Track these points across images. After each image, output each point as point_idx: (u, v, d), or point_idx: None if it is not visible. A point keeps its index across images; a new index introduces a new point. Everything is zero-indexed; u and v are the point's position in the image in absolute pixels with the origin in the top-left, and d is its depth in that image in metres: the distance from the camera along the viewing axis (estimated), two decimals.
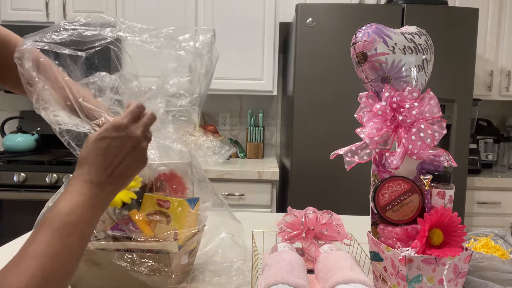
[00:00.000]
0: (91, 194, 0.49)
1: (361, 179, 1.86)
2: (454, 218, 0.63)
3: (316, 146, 1.95)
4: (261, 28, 2.31)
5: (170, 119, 0.74)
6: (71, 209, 0.47)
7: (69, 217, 0.47)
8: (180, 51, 0.72)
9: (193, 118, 0.78)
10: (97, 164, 0.50)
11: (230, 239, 0.81)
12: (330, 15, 1.91)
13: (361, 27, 0.72)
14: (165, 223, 0.72)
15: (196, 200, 0.77)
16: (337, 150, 0.74)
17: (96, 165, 0.50)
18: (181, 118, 0.76)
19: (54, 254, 0.44)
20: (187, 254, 0.74)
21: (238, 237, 0.81)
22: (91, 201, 0.49)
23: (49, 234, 0.45)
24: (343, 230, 0.84)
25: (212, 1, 2.29)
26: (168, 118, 0.74)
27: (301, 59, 1.93)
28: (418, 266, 0.61)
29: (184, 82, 0.73)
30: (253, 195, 2.12)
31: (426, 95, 0.69)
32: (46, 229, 0.45)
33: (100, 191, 0.50)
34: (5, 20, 2.31)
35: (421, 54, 0.71)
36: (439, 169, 0.69)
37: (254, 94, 2.47)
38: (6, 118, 2.52)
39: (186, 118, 0.77)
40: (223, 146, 0.88)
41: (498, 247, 0.75)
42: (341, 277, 0.63)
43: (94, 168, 0.50)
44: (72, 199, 0.48)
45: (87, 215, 0.49)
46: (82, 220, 0.48)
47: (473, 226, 2.18)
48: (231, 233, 0.81)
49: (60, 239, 0.45)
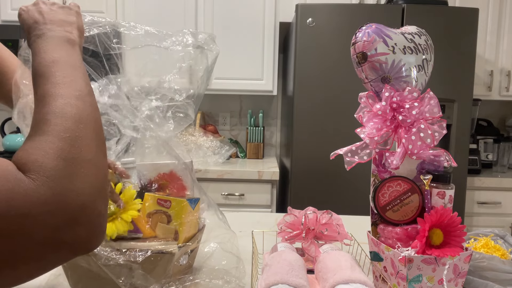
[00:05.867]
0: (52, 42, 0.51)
1: (361, 179, 1.86)
2: (454, 218, 0.63)
3: (316, 146, 1.95)
4: (261, 28, 2.31)
5: (169, 115, 0.74)
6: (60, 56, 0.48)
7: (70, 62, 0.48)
8: (178, 46, 0.72)
9: (190, 114, 0.77)
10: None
11: (222, 247, 0.80)
12: (330, 15, 1.91)
13: (361, 27, 0.72)
14: (165, 222, 0.72)
15: (197, 200, 0.77)
16: (337, 150, 0.74)
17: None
18: (179, 114, 0.76)
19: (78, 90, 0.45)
20: (187, 254, 0.74)
21: (230, 245, 0.80)
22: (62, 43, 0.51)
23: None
24: (343, 230, 0.84)
25: (212, 1, 2.29)
26: (167, 115, 0.74)
27: (301, 59, 1.93)
28: (418, 266, 0.61)
29: (182, 77, 0.74)
30: (253, 195, 2.12)
31: (426, 95, 0.69)
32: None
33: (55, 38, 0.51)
34: (5, 20, 2.31)
35: (421, 54, 0.71)
36: (439, 169, 0.69)
37: (254, 94, 2.47)
38: (6, 118, 2.52)
39: (183, 114, 0.76)
40: (223, 146, 0.88)
41: (498, 247, 0.75)
42: (341, 277, 0.63)
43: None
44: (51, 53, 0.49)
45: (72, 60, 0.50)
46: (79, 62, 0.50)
47: (473, 226, 2.18)
48: (223, 241, 0.80)
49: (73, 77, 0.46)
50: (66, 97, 0.43)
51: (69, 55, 0.49)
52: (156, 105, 0.73)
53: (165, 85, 0.73)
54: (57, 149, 0.38)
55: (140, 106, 0.72)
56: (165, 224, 0.72)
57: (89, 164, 0.40)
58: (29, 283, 0.75)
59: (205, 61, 0.77)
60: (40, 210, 0.34)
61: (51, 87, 0.44)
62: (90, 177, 0.39)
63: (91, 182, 0.39)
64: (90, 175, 0.39)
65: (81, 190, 0.38)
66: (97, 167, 0.41)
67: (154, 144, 0.75)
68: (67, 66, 0.47)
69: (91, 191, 0.39)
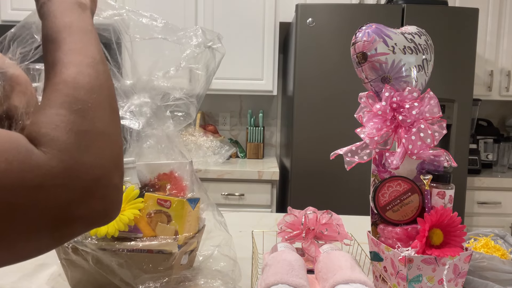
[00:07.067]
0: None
1: (361, 179, 1.86)
2: (454, 218, 0.63)
3: (316, 146, 1.95)
4: (261, 28, 2.31)
5: (168, 114, 0.74)
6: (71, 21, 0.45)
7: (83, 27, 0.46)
8: (189, 41, 0.71)
9: (191, 113, 0.77)
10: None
11: (219, 250, 0.80)
12: (330, 15, 1.91)
13: (361, 27, 0.72)
14: (165, 222, 0.72)
15: (197, 200, 0.77)
16: (337, 150, 0.74)
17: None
18: (177, 113, 0.76)
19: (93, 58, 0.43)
20: (187, 254, 0.74)
21: (226, 248, 0.80)
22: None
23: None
24: (343, 230, 0.84)
25: (212, 1, 2.29)
26: (166, 114, 0.74)
27: (301, 59, 1.93)
28: (418, 266, 0.61)
29: (184, 76, 0.73)
30: (253, 195, 2.12)
31: (426, 95, 0.69)
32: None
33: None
34: (5, 20, 2.31)
35: (421, 54, 0.72)
36: (439, 169, 0.69)
37: (254, 94, 2.47)
38: None
39: (184, 113, 0.76)
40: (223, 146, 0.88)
41: (498, 247, 0.75)
42: (341, 277, 0.63)
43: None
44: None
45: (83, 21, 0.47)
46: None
47: (473, 226, 2.18)
48: (219, 244, 0.80)
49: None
50: (78, 65, 0.41)
51: (80, 19, 0.46)
52: (160, 103, 0.72)
53: (164, 83, 0.73)
54: (68, 122, 0.37)
55: (142, 101, 0.72)
56: (165, 224, 0.72)
57: (102, 136, 0.39)
58: (29, 283, 0.76)
59: (214, 60, 0.76)
60: (52, 183, 0.34)
61: (62, 54, 0.42)
62: (103, 150, 0.38)
63: (105, 155, 0.38)
64: (103, 147, 0.38)
65: (94, 163, 0.37)
66: (111, 139, 0.40)
67: (155, 141, 0.75)
68: (79, 31, 0.45)
69: (106, 164, 0.38)
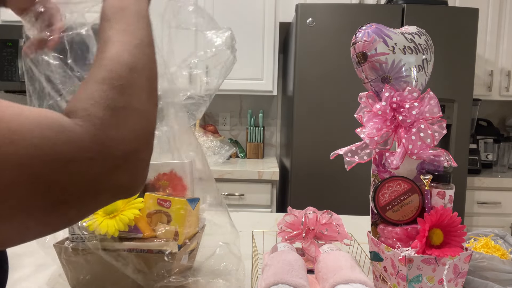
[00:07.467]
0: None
1: (361, 179, 1.86)
2: (454, 218, 0.63)
3: (316, 146, 1.95)
4: (261, 28, 2.31)
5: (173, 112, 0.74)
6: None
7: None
8: (217, 39, 0.71)
9: (199, 112, 0.77)
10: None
11: (226, 248, 0.80)
12: (330, 15, 1.91)
13: (361, 27, 0.72)
14: (165, 222, 0.72)
15: (197, 200, 0.77)
16: (337, 150, 0.74)
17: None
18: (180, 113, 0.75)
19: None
20: (187, 254, 0.74)
21: (233, 246, 0.80)
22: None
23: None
24: (343, 230, 0.84)
25: (212, 1, 2.29)
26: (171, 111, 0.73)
27: (301, 59, 1.93)
28: (418, 266, 0.61)
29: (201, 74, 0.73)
30: (253, 195, 2.12)
31: (426, 95, 0.69)
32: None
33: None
34: (5, 20, 2.31)
35: (421, 54, 0.72)
36: (439, 169, 0.69)
37: (254, 94, 2.47)
38: None
39: (194, 111, 0.76)
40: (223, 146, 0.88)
41: (498, 247, 0.75)
42: (341, 277, 0.63)
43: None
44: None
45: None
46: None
47: (473, 226, 2.18)
48: (227, 241, 0.80)
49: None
50: (126, 45, 0.43)
51: (137, 4, 0.49)
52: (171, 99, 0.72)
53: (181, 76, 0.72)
54: (107, 98, 0.38)
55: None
56: (165, 224, 0.72)
57: (137, 112, 0.40)
58: (29, 283, 0.76)
59: (231, 65, 0.76)
60: (84, 157, 0.35)
61: (114, 33, 0.44)
62: (136, 125, 0.40)
63: (137, 130, 0.40)
64: (137, 123, 0.40)
65: (126, 138, 0.38)
66: (145, 117, 0.42)
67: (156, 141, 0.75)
68: (133, 14, 0.47)
69: (137, 139, 0.39)
